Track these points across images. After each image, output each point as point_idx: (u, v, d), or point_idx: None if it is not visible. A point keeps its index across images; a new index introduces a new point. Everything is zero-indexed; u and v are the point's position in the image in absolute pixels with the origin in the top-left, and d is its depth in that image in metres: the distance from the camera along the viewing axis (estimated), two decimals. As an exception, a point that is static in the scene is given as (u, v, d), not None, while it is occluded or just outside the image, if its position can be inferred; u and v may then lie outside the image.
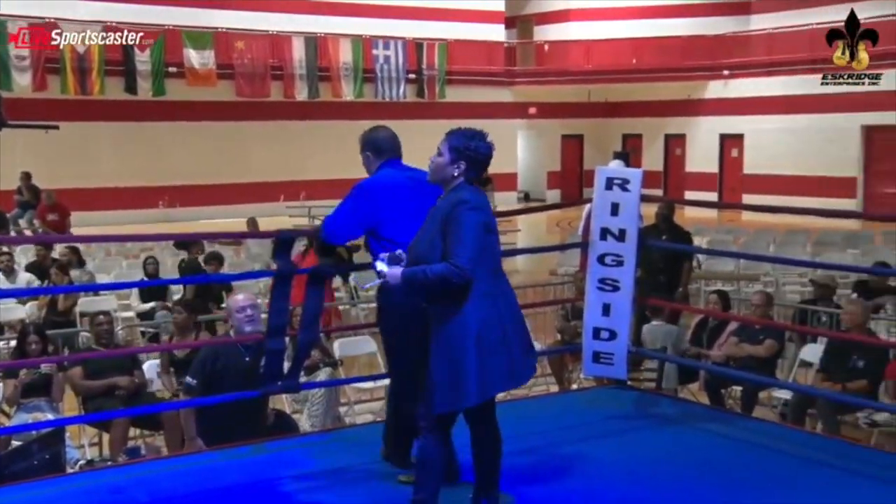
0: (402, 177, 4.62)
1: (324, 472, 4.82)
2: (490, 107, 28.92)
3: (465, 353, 3.76)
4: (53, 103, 21.45)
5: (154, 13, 23.64)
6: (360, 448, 5.11)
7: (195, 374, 5.89)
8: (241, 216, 19.91)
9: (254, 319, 5.95)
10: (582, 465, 4.94)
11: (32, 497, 4.44)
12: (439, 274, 3.71)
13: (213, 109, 24.80)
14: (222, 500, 4.47)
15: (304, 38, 25.84)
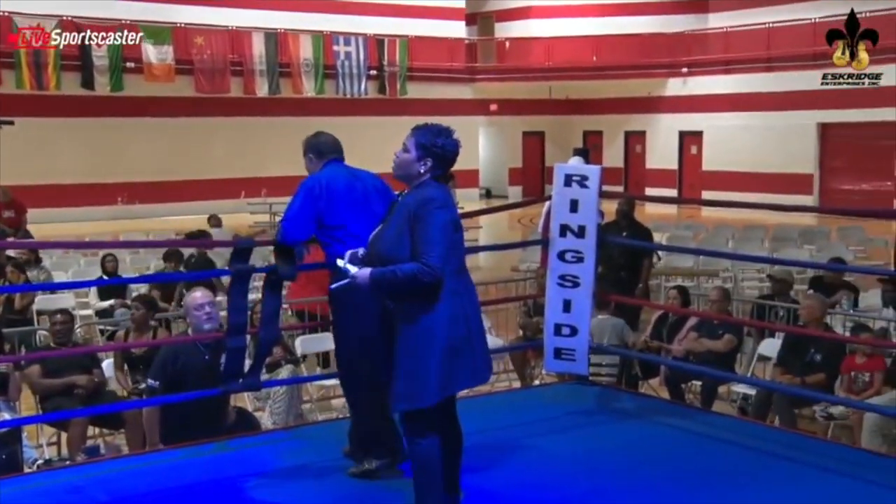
0: (344, 173, 4.77)
1: (286, 470, 4.82)
2: (451, 103, 28.92)
3: (430, 352, 3.74)
4: (8, 98, 21.13)
5: (112, 8, 23.36)
6: (323, 445, 5.11)
7: (156, 376, 5.83)
8: (201, 213, 19.81)
9: (212, 317, 5.89)
10: (543, 459, 4.98)
11: (-5, 496, 4.39)
12: (410, 273, 3.69)
13: (172, 105, 24.60)
14: (184, 499, 4.44)
15: (264, 33, 25.69)
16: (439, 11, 29.55)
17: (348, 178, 4.74)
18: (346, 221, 4.62)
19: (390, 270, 3.74)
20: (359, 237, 4.59)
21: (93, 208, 22.93)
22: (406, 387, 3.78)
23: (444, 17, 29.72)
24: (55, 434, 7.26)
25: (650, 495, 4.51)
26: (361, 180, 4.78)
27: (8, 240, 13.76)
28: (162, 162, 24.53)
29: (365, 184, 4.76)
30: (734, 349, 7.99)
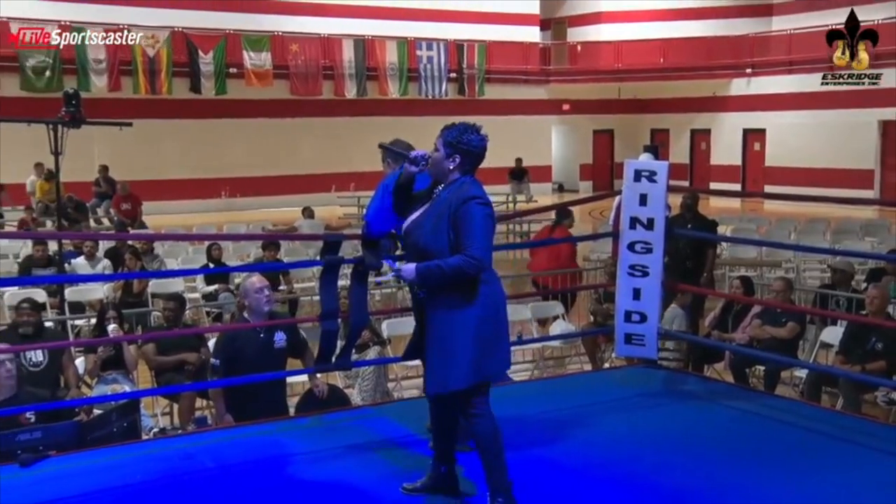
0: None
1: (374, 442, 4.87)
2: (526, 103, 28.79)
3: (464, 339, 3.68)
4: (127, 102, 21.69)
5: (216, 18, 23.84)
6: (407, 420, 5.15)
7: (217, 355, 5.91)
8: (295, 205, 20.09)
9: (270, 300, 5.98)
10: (613, 436, 4.95)
11: (113, 461, 4.52)
12: (456, 266, 3.63)
13: (269, 107, 24.93)
14: (283, 467, 4.52)
15: (353, 40, 25.88)
16: (516, 18, 29.44)
17: (424, 175, 4.75)
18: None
19: (436, 264, 3.67)
20: None
21: (198, 201, 23.39)
22: (441, 370, 3.73)
23: (520, 23, 29.60)
24: (168, 405, 7.44)
25: (714, 472, 4.44)
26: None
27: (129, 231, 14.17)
28: (260, 159, 24.90)
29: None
30: (797, 336, 7.81)
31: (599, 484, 4.28)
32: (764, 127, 27.51)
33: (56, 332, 8.38)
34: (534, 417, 5.25)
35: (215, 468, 4.50)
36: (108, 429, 4.84)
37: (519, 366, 8.83)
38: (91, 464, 4.45)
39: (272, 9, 25.32)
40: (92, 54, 22.22)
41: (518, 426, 5.06)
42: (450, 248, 3.69)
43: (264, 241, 11.77)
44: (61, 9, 22.24)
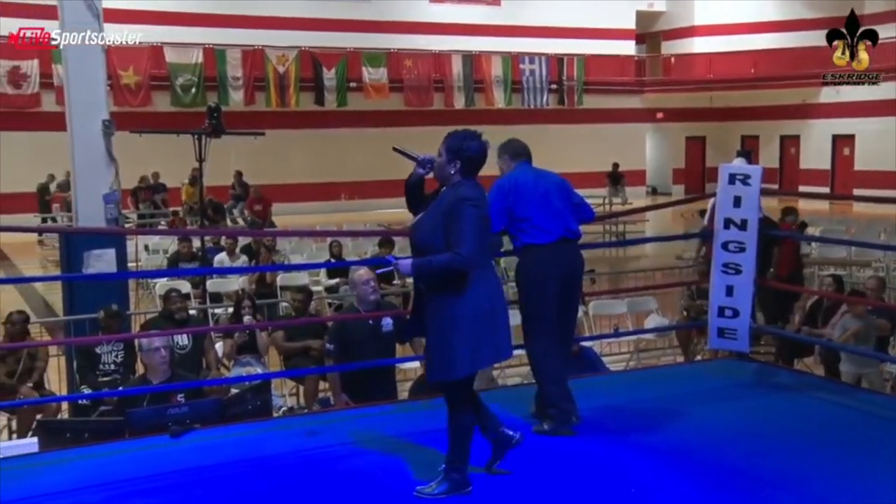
0: (531, 173, 4.78)
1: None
2: (622, 112, 28.38)
3: (459, 330, 3.64)
4: (259, 114, 22.30)
5: (339, 38, 24.30)
6: (511, 405, 5.12)
7: (332, 340, 6.04)
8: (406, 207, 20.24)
9: (375, 290, 6.04)
10: (707, 424, 4.82)
11: (248, 436, 4.64)
12: (445, 262, 3.61)
13: (385, 117, 25.23)
14: (396, 445, 4.55)
15: (462, 55, 25.99)
16: (613, 33, 29.05)
17: (534, 177, 4.74)
18: (531, 215, 4.61)
19: (427, 260, 3.67)
20: (542, 228, 4.60)
21: (321, 203, 23.87)
22: (439, 360, 3.70)
23: (616, 38, 29.19)
24: (295, 387, 7.61)
25: (804, 460, 4.27)
26: (545, 179, 4.76)
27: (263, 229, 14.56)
28: (376, 164, 25.15)
29: (547, 182, 4.75)
30: (888, 333, 7.46)
31: (691, 469, 4.16)
32: (853, 132, 26.37)
33: (199, 319, 8.67)
34: (630, 405, 5.16)
35: (337, 445, 4.57)
36: (244, 406, 4.97)
37: (616, 357, 8.71)
38: (230, 437, 4.59)
39: (389, 28, 25.65)
40: (231, 72, 22.95)
41: (614, 413, 5.00)
42: (444, 246, 3.66)
43: (380, 239, 11.92)
44: (208, 33, 23.03)
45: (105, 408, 6.02)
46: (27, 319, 7.28)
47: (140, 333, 6.92)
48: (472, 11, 27.29)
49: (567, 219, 4.68)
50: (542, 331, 4.64)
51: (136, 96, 21.97)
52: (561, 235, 4.62)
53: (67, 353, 7.33)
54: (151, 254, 13.71)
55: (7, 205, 20.50)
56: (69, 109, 7.89)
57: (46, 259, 15.41)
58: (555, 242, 4.61)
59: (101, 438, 4.60)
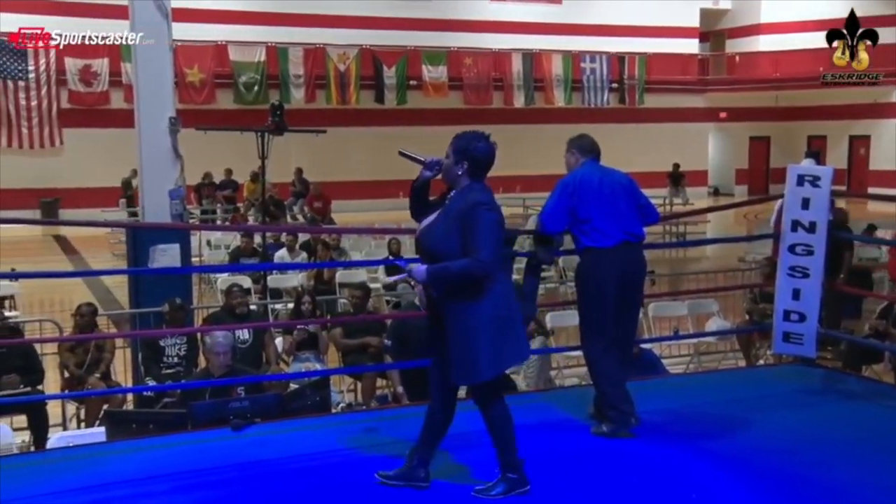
0: (597, 172, 4.69)
1: (537, 425, 4.82)
2: (683, 112, 27.99)
3: (480, 334, 3.60)
4: (320, 112, 22.54)
5: (399, 36, 24.42)
6: (568, 405, 5.10)
7: (390, 336, 6.14)
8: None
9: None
10: (771, 430, 4.71)
11: (307, 431, 4.69)
12: (464, 268, 3.55)
13: (444, 115, 25.25)
14: (455, 443, 4.55)
15: (521, 54, 25.91)
16: (676, 31, 28.65)
17: (600, 176, 4.67)
18: (592, 216, 4.56)
19: (445, 266, 3.58)
20: (603, 231, 4.55)
21: (379, 200, 23.99)
22: (462, 365, 3.65)
23: (679, 36, 28.78)
24: (353, 383, 7.67)
25: (872, 472, 4.15)
26: (611, 178, 4.69)
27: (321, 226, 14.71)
28: (435, 162, 25.30)
29: (613, 182, 4.67)
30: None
31: (751, 476, 4.07)
32: (928, 133, 25.62)
33: (259, 314, 8.79)
34: (689, 409, 5.09)
35: (395, 442, 4.58)
36: (304, 401, 5.03)
37: (675, 359, 8.59)
38: (289, 431, 4.64)
39: (449, 26, 25.68)
40: (292, 70, 23.25)
41: (674, 416, 4.93)
42: (459, 252, 3.60)
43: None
44: (271, 32, 23.35)
45: (168, 400, 6.15)
46: (95, 311, 7.47)
47: (203, 327, 7.05)
48: (533, 10, 27.16)
49: (629, 221, 4.62)
50: (599, 333, 4.61)
51: (201, 94, 22.38)
52: (622, 239, 4.57)
53: (133, 346, 7.50)
54: (214, 249, 13.95)
55: (76, 200, 21.11)
56: (137, 107, 8.08)
57: (114, 253, 15.80)
58: (615, 246, 4.55)
59: (165, 429, 4.70)
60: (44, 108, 21.03)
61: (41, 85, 20.90)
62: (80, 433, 5.57)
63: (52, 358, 7.71)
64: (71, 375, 7.28)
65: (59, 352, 7.52)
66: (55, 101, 21.14)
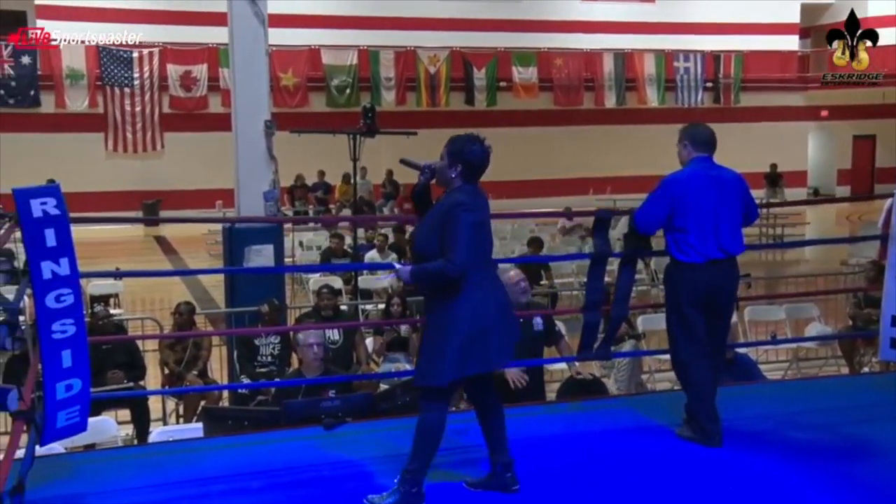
0: (704, 175, 4.44)
1: (628, 429, 4.76)
2: (781, 110, 27.18)
3: (449, 337, 3.57)
4: (410, 114, 22.74)
5: (489, 38, 24.45)
6: (660, 410, 5.01)
7: None
8: (554, 206, 20.14)
9: (527, 290, 6.00)
10: (872, 441, 4.52)
11: (397, 431, 4.71)
12: (438, 269, 3.56)
13: (534, 117, 25.20)
14: (544, 447, 4.53)
15: (613, 54, 25.60)
16: (774, 28, 27.81)
17: (708, 178, 4.41)
18: (688, 228, 4.38)
19: (423, 267, 3.64)
20: (693, 247, 4.38)
21: (470, 202, 24.05)
22: (426, 365, 3.65)
23: (778, 33, 27.93)
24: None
25: None
26: (719, 181, 4.42)
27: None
28: (524, 164, 25.19)
29: (722, 185, 4.41)
30: None
31: (848, 491, 3.91)
32: None
33: (350, 315, 8.92)
34: (786, 417, 4.92)
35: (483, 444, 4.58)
36: (394, 402, 5.06)
37: (772, 365, 8.35)
38: (380, 431, 4.69)
39: (539, 27, 25.56)
40: (383, 73, 23.54)
41: (770, 424, 4.79)
42: (439, 253, 3.58)
43: (529, 238, 11.91)
44: (363, 35, 23.69)
45: (262, 398, 6.30)
46: (193, 310, 7.72)
47: (295, 327, 7.20)
48: (625, 9, 26.79)
49: (727, 235, 4.39)
50: (684, 341, 4.50)
51: (294, 97, 22.87)
52: (713, 257, 4.37)
53: (228, 344, 7.72)
54: (306, 250, 14.23)
55: (176, 201, 21.86)
56: (234, 110, 8.32)
57: (210, 253, 16.30)
58: (704, 264, 4.38)
59: (259, 427, 4.82)
60: (147, 113, 21.84)
61: (145, 91, 21.71)
62: (178, 428, 5.77)
63: (152, 355, 8.00)
64: (170, 372, 7.54)
65: (159, 349, 7.80)
66: (157, 107, 21.93)
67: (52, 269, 3.45)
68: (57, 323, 3.45)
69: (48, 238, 3.46)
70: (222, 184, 11.74)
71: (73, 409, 3.57)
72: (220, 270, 9.93)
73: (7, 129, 20.51)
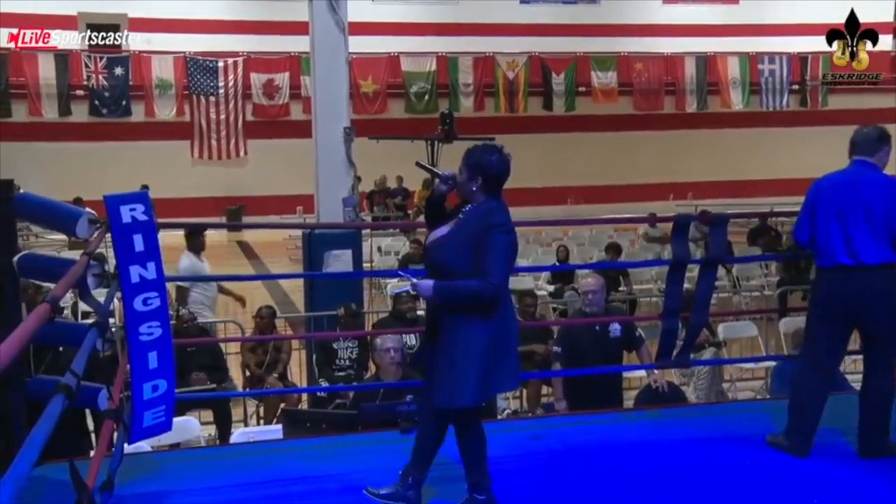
0: (836, 177, 4.33)
1: (709, 439, 4.66)
2: (873, 113, 26.19)
3: (472, 358, 3.43)
4: (488, 120, 22.77)
5: (568, 43, 24.32)
6: (741, 420, 4.90)
7: (560, 343, 6.07)
8: (634, 212, 19.88)
9: (593, 303, 5.93)
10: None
11: (472, 436, 4.74)
12: (475, 290, 3.40)
13: (613, 121, 24.96)
14: (621, 455, 4.48)
15: (695, 57, 25.16)
16: (866, 27, 26.89)
17: (837, 184, 4.27)
18: (818, 233, 4.27)
19: (452, 285, 3.45)
20: (822, 251, 4.26)
21: (548, 207, 23.96)
22: (449, 387, 3.48)
23: (870, 32, 27.01)
24: (518, 390, 7.67)
25: None
26: (852, 186, 4.23)
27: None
28: (603, 169, 24.99)
29: (855, 190, 4.21)
30: None
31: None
32: None
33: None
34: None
35: (560, 449, 4.56)
36: (471, 406, 5.06)
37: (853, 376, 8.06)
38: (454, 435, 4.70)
39: (619, 31, 25.33)
40: (462, 79, 23.65)
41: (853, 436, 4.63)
42: (468, 271, 3.44)
43: (607, 244, 11.78)
44: (441, 42, 23.85)
45: (340, 401, 6.39)
46: (274, 314, 7.87)
47: (373, 331, 7.27)
48: (708, 11, 26.31)
49: (862, 242, 4.15)
50: (806, 346, 4.45)
51: (374, 104, 23.16)
52: (840, 262, 4.19)
53: (308, 347, 7.84)
54: (384, 255, 14.36)
55: (259, 207, 22.34)
56: (315, 118, 8.47)
57: (290, 258, 16.60)
58: (830, 268, 4.24)
59: (337, 430, 4.88)
60: (231, 121, 22.41)
61: (229, 99, 22.29)
62: (259, 430, 5.89)
63: (234, 357, 8.19)
64: (251, 374, 7.70)
65: (241, 352, 7.98)
66: (241, 114, 22.48)
67: (139, 274, 3.56)
68: (144, 325, 3.56)
69: (136, 243, 3.58)
70: (303, 190, 11.94)
71: (159, 409, 3.68)
72: (300, 275, 10.11)
73: (100, 138, 21.33)
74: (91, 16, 21.53)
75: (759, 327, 8.65)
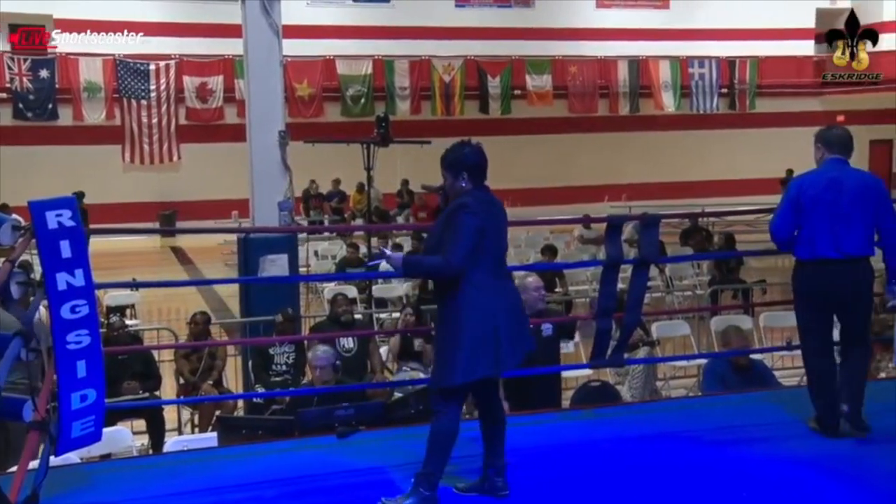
0: (822, 175, 4.52)
1: (643, 437, 4.75)
2: (798, 116, 27.01)
3: (457, 340, 3.60)
4: (425, 123, 22.78)
5: (504, 46, 24.50)
6: (674, 417, 5.00)
7: None
8: (570, 214, 20.14)
9: (543, 298, 6.01)
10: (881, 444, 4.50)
11: (411, 439, 4.69)
12: (433, 265, 3.68)
13: (548, 124, 25.19)
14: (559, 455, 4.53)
15: (628, 60, 25.59)
16: (789, 33, 27.70)
17: (824, 181, 4.46)
18: (803, 225, 4.45)
19: (418, 258, 3.89)
20: (806, 241, 4.42)
21: (487, 211, 24.05)
22: (438, 369, 3.72)
23: (793, 38, 27.83)
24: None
25: None
26: (847, 182, 4.45)
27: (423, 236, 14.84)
28: (540, 171, 25.18)
29: (849, 186, 4.43)
30: None
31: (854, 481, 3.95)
32: None
33: (364, 323, 8.94)
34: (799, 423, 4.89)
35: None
36: (407, 410, 5.07)
37: (788, 371, 8.29)
38: (394, 439, 4.70)
39: (553, 35, 25.58)
40: (398, 82, 23.64)
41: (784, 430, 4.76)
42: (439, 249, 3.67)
43: (543, 246, 11.90)
44: (377, 45, 23.78)
45: (276, 407, 6.32)
46: (209, 320, 7.77)
47: (309, 335, 7.23)
48: (639, 15, 26.77)
49: (846, 236, 4.37)
50: (801, 336, 4.64)
51: (309, 108, 22.98)
52: (823, 254, 4.38)
53: (243, 353, 7.75)
54: (321, 259, 14.28)
55: (192, 212, 21.98)
56: (249, 121, 8.38)
57: (226, 263, 16.38)
58: (812, 260, 4.42)
59: (274, 436, 4.84)
60: (163, 125, 22.00)
61: (161, 103, 21.87)
62: (194, 437, 5.80)
63: (168, 365, 8.05)
64: (185, 382, 7.58)
65: (174, 359, 7.85)
66: (174, 118, 22.09)
67: (67, 281, 3.48)
68: (72, 334, 3.48)
69: (63, 249, 3.50)
70: (238, 194, 11.82)
71: (88, 420, 3.60)
72: (235, 280, 9.99)
73: (26, 142, 20.72)
74: (14, 16, 20.91)
75: (692, 326, 8.84)
